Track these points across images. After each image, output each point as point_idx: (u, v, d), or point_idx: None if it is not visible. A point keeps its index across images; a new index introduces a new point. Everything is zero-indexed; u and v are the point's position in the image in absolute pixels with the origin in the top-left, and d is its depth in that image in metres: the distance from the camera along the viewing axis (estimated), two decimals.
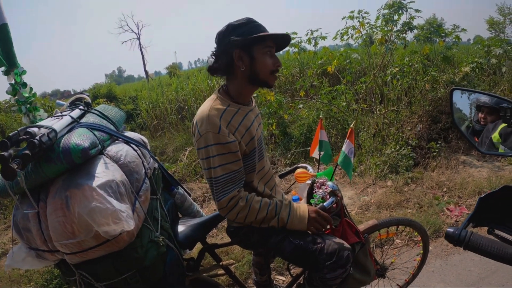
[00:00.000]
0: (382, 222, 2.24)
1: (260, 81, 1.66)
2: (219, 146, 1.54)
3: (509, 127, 1.17)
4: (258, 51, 1.61)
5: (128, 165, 1.50)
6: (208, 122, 1.54)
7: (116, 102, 12.33)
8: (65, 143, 1.31)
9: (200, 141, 1.56)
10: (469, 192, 4.28)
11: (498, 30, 27.84)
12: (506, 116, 1.16)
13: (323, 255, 1.65)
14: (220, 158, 1.55)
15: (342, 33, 6.16)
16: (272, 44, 1.64)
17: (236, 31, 1.60)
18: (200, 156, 1.59)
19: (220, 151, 1.55)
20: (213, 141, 1.53)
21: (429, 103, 5.77)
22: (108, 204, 1.25)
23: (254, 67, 1.62)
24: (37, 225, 1.34)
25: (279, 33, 1.63)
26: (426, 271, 2.93)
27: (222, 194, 1.57)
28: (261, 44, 1.60)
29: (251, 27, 1.60)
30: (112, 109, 1.82)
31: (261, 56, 1.61)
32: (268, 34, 1.59)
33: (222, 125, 1.55)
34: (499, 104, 1.22)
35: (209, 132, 1.53)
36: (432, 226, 3.59)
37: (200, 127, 1.56)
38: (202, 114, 1.58)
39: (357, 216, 3.96)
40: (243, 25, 1.60)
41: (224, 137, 1.54)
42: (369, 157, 5.31)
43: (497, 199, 1.08)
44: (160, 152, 7.17)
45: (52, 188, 1.33)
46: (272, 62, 1.64)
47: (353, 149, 1.98)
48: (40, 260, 1.46)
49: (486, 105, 1.31)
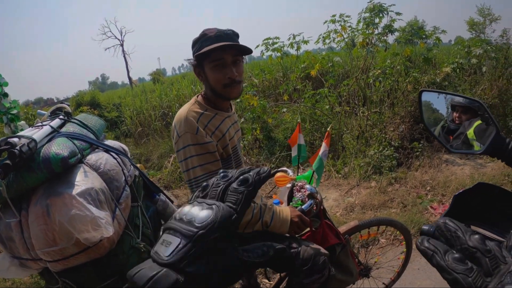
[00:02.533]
0: (363, 223, 2.27)
1: (218, 94, 1.68)
2: (197, 146, 1.57)
3: (483, 124, 1.20)
4: (207, 67, 1.63)
5: (108, 173, 1.50)
6: (186, 123, 1.57)
7: (100, 109, 12.19)
8: (45, 152, 1.32)
9: (178, 142, 1.59)
10: (452, 190, 4.36)
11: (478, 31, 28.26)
12: (485, 115, 1.19)
13: (299, 260, 1.66)
14: (198, 158, 1.57)
15: (324, 37, 6.23)
16: (220, 56, 1.60)
17: (194, 46, 1.64)
18: (179, 158, 1.61)
19: (199, 151, 1.57)
20: (191, 141, 1.56)
21: (411, 104, 5.85)
22: (88, 212, 1.26)
23: (209, 82, 1.65)
24: (20, 234, 1.34)
25: (218, 44, 1.56)
26: (412, 269, 2.97)
27: None
28: (208, 59, 1.61)
29: (202, 42, 1.61)
30: (92, 118, 1.82)
31: (209, 72, 1.63)
32: (207, 50, 1.56)
33: (199, 127, 1.58)
34: (472, 104, 1.25)
35: (187, 133, 1.56)
36: (416, 224, 3.65)
37: (179, 129, 1.59)
38: (180, 116, 1.61)
39: (341, 217, 3.99)
40: (198, 41, 1.63)
41: (202, 138, 1.57)
42: (352, 159, 5.36)
43: (472, 196, 1.11)
44: (145, 159, 7.12)
45: (34, 197, 1.33)
46: (221, 75, 1.62)
47: (327, 151, 2.01)
48: (24, 269, 1.45)
49: (460, 104, 1.34)
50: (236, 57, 1.66)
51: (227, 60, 1.62)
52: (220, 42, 1.57)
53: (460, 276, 0.53)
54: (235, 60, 1.65)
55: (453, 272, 0.54)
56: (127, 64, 33.45)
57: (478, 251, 0.55)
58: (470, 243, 0.56)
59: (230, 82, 1.63)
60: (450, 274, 0.54)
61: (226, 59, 1.62)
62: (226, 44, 1.57)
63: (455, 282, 0.53)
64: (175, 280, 0.57)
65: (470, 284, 0.52)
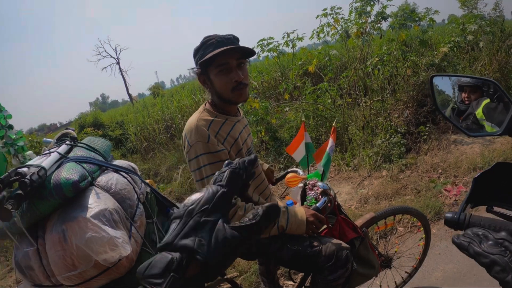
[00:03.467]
0: (379, 214, 2.26)
1: (226, 100, 1.67)
2: (209, 155, 1.56)
3: (492, 103, 1.18)
4: (212, 73, 1.63)
5: (120, 192, 1.50)
6: (196, 132, 1.57)
7: (103, 129, 12.21)
8: (55, 178, 1.32)
9: (190, 152, 1.58)
10: (464, 170, 4.34)
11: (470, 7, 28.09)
12: (490, 92, 1.17)
13: (322, 258, 1.65)
14: (211, 167, 1.56)
15: (318, 32, 6.22)
16: (224, 60, 1.60)
17: (196, 55, 1.64)
18: (192, 167, 1.61)
19: (211, 160, 1.56)
20: (203, 150, 1.55)
21: (412, 88, 5.83)
22: (104, 233, 1.26)
23: (216, 88, 1.65)
24: (39, 261, 1.34)
25: (222, 48, 1.56)
26: (433, 254, 2.95)
27: None
28: (213, 65, 1.61)
29: (204, 48, 1.60)
30: (98, 140, 1.83)
31: (215, 77, 1.62)
32: (211, 55, 1.56)
33: (210, 135, 1.57)
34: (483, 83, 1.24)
35: (199, 142, 1.56)
36: (432, 209, 3.63)
37: (190, 138, 1.58)
38: (191, 125, 1.61)
39: (356, 210, 3.98)
40: (200, 48, 1.63)
41: (213, 146, 1.57)
42: (361, 150, 5.34)
43: (491, 177, 1.09)
44: (153, 173, 7.14)
45: (49, 223, 1.34)
46: (228, 79, 1.61)
47: (333, 146, 2.03)
48: None
49: (468, 84, 1.32)
50: (240, 60, 1.65)
51: (232, 64, 1.62)
52: (222, 47, 1.56)
53: (497, 257, 0.62)
54: (240, 63, 1.65)
55: (490, 255, 0.63)
56: (125, 81, 33.60)
57: (506, 241, 0.65)
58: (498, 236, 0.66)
59: (237, 85, 1.63)
60: (487, 257, 0.63)
61: (230, 63, 1.61)
62: (230, 48, 1.57)
63: (492, 263, 0.62)
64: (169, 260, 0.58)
65: (506, 263, 0.61)
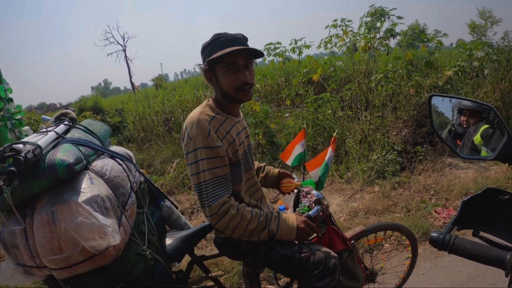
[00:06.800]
0: (369, 228, 2.26)
1: (230, 98, 1.68)
2: (208, 149, 1.56)
3: (490, 128, 1.18)
4: (219, 71, 1.63)
5: (114, 179, 1.49)
6: (198, 125, 1.57)
7: (102, 114, 12.22)
8: (50, 159, 1.31)
9: (189, 144, 1.58)
10: (456, 194, 4.34)
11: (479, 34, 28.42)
12: (489, 118, 1.17)
13: (310, 264, 1.65)
14: (208, 162, 1.56)
15: (326, 42, 6.23)
16: (233, 60, 1.60)
17: (205, 51, 1.64)
18: (189, 160, 1.60)
19: (209, 155, 1.56)
20: (202, 144, 1.55)
21: (413, 107, 5.85)
22: (94, 219, 1.25)
23: (221, 86, 1.65)
24: (24, 241, 1.33)
25: (232, 48, 1.56)
26: (416, 274, 2.95)
27: (213, 199, 1.56)
28: (221, 63, 1.61)
29: (213, 46, 1.60)
30: (97, 124, 1.82)
31: (222, 75, 1.63)
32: (221, 54, 1.56)
33: (211, 130, 1.58)
34: (481, 108, 1.24)
35: (199, 135, 1.55)
36: (420, 229, 3.62)
37: (190, 131, 1.58)
38: (192, 118, 1.61)
39: (345, 222, 3.97)
40: (208, 45, 1.63)
41: (213, 141, 1.56)
42: (356, 163, 5.34)
43: (481, 201, 1.10)
44: (147, 165, 7.11)
45: (39, 204, 1.32)
46: (234, 79, 1.61)
47: (332, 156, 2.02)
48: (28, 276, 1.44)
49: (468, 108, 1.31)
50: (248, 61, 1.66)
51: (240, 64, 1.62)
52: (232, 47, 1.57)
53: None
54: (247, 63, 1.65)
55: None
56: (129, 70, 33.55)
57: None
58: None
59: (243, 85, 1.63)
60: None
61: (239, 63, 1.61)
62: (240, 49, 1.57)
63: None
64: None
65: None
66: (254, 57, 1.69)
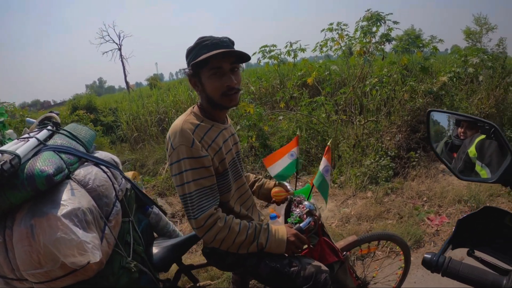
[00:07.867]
0: (362, 238, 2.22)
1: (216, 104, 1.63)
2: (192, 160, 1.51)
3: (486, 140, 1.15)
4: (204, 75, 1.58)
5: (97, 189, 1.44)
6: (181, 135, 1.52)
7: (96, 113, 12.12)
8: (29, 169, 1.26)
9: (172, 155, 1.53)
10: (449, 201, 4.32)
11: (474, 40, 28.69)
12: (485, 127, 1.13)
13: (300, 279, 1.61)
14: (193, 173, 1.51)
15: (321, 45, 6.20)
16: (218, 64, 1.55)
17: (189, 55, 1.60)
18: (173, 171, 1.55)
19: (193, 165, 1.51)
20: (186, 154, 1.50)
21: (407, 113, 5.83)
22: (73, 235, 1.20)
23: (206, 91, 1.60)
24: (4, 253, 1.28)
25: (217, 51, 1.51)
26: (408, 282, 2.92)
27: (199, 211, 1.51)
28: (206, 67, 1.56)
29: (198, 50, 1.56)
30: (82, 129, 1.77)
31: (207, 80, 1.58)
32: (205, 57, 1.51)
33: (195, 139, 1.53)
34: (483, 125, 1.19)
35: (182, 145, 1.51)
36: (413, 236, 3.60)
37: (173, 140, 1.53)
38: (175, 128, 1.56)
39: (337, 228, 3.94)
40: (193, 49, 1.58)
41: (197, 151, 1.52)
42: (349, 168, 5.32)
43: (477, 220, 1.07)
44: (140, 165, 7.07)
45: (18, 215, 1.27)
46: (220, 83, 1.56)
47: (329, 167, 1.91)
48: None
49: (465, 119, 1.29)
50: (234, 65, 1.61)
51: (225, 68, 1.57)
52: (217, 50, 1.51)
53: None
54: (233, 67, 1.60)
55: None
56: (124, 69, 33.35)
57: None
58: None
59: (228, 90, 1.58)
60: None
61: (224, 67, 1.56)
62: (225, 51, 1.52)
63: None
64: None
65: None
66: (241, 61, 1.64)
